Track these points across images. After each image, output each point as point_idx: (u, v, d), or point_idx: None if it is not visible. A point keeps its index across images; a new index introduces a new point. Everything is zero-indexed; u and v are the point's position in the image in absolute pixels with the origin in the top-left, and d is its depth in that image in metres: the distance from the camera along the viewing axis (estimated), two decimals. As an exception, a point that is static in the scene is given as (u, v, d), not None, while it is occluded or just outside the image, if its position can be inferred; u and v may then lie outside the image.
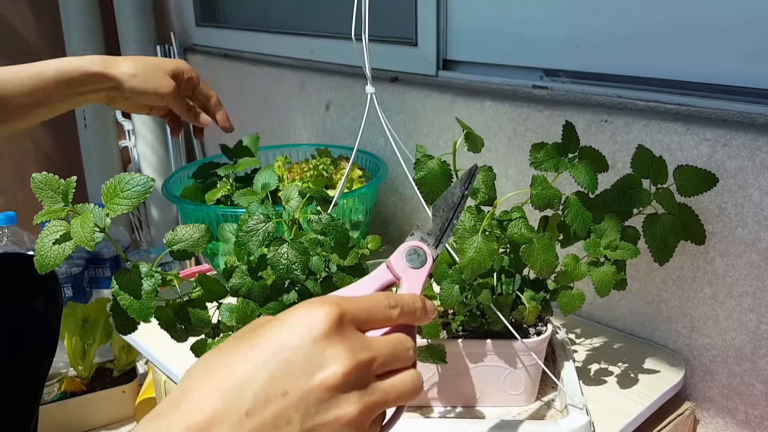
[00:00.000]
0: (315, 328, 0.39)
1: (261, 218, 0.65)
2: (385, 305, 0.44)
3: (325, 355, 0.39)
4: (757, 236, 0.75)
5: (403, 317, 0.44)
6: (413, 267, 0.48)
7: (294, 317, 0.41)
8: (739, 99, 0.78)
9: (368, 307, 0.43)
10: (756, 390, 0.79)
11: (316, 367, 0.39)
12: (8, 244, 1.53)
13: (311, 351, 0.39)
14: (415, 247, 0.49)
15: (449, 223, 0.51)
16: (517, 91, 1.01)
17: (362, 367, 0.40)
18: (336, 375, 0.39)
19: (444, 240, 0.50)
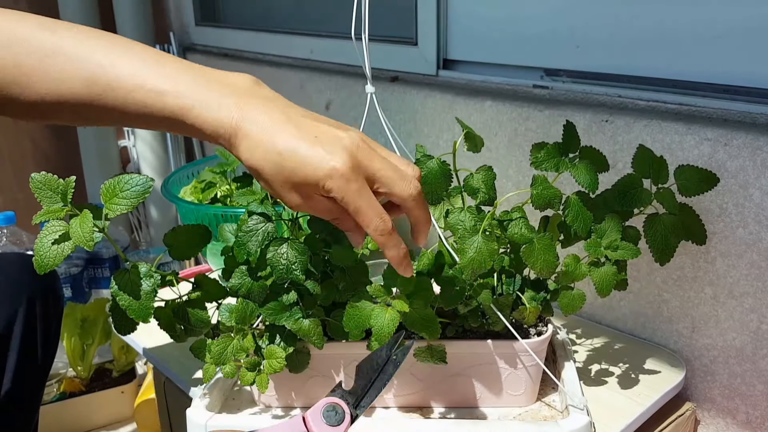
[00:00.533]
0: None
1: (261, 218, 0.65)
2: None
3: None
4: (758, 236, 0.75)
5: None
6: (329, 425, 0.48)
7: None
8: (740, 99, 0.78)
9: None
10: (757, 390, 0.79)
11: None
12: (7, 243, 1.53)
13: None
14: (334, 404, 0.49)
15: (371, 384, 0.51)
16: (517, 90, 1.01)
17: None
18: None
19: (364, 403, 0.50)
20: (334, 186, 0.52)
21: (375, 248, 0.73)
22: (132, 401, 1.44)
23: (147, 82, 0.54)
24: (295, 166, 0.52)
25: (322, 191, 0.53)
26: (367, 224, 0.54)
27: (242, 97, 0.54)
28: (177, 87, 0.53)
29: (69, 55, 0.56)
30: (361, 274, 0.67)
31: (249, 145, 0.52)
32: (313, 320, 0.64)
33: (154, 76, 0.54)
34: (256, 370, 0.67)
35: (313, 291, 0.66)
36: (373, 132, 1.23)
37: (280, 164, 0.52)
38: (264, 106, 0.54)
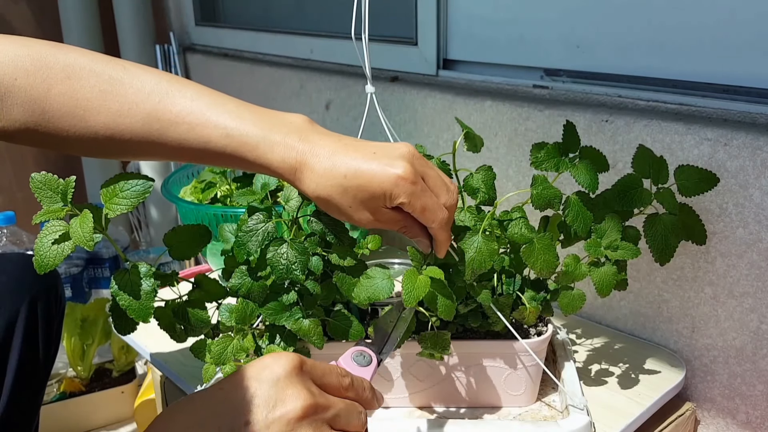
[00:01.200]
0: (277, 370, 0.45)
1: (261, 218, 0.65)
2: (337, 373, 0.49)
3: (286, 392, 0.44)
4: (758, 236, 0.75)
5: (353, 390, 0.50)
6: (360, 365, 0.55)
7: (257, 363, 0.46)
8: (739, 99, 0.78)
9: (323, 368, 0.49)
10: (757, 390, 0.79)
11: (278, 401, 0.44)
12: (7, 243, 1.53)
13: (273, 388, 0.44)
14: (362, 351, 0.57)
15: (388, 337, 0.60)
16: (517, 90, 1.01)
17: (319, 409, 0.45)
18: (296, 409, 0.43)
19: (386, 350, 0.59)
20: (401, 192, 0.54)
21: (375, 248, 0.73)
22: (132, 401, 1.44)
23: (210, 119, 0.56)
24: (361, 183, 0.54)
25: (388, 202, 0.55)
26: (434, 219, 0.57)
27: (302, 134, 0.56)
28: (241, 125, 0.56)
29: (129, 90, 0.56)
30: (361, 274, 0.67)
31: (313, 177, 0.55)
32: (313, 320, 0.64)
33: (217, 114, 0.56)
34: (256, 370, 0.67)
35: (313, 291, 0.66)
36: (374, 132, 1.23)
37: (346, 186, 0.55)
38: (322, 140, 0.56)
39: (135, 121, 0.56)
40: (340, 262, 0.65)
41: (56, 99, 0.55)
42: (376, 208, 0.56)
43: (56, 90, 0.55)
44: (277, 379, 0.45)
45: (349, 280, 0.65)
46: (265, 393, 0.44)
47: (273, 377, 0.45)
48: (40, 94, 0.55)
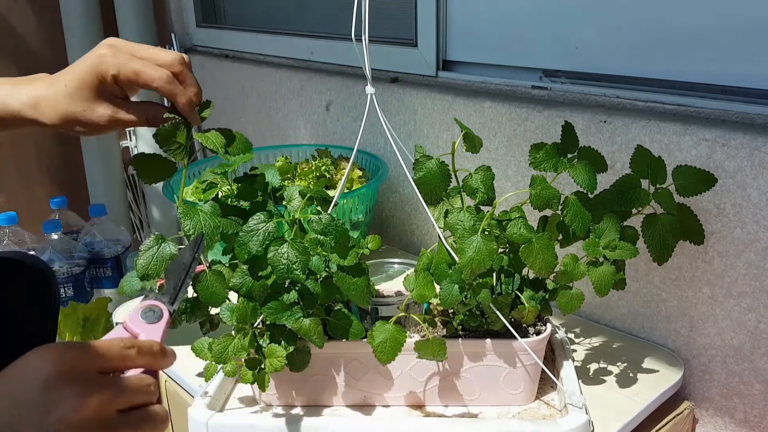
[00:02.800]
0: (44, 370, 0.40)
1: (262, 218, 0.66)
2: (120, 346, 0.46)
3: (58, 394, 0.40)
4: (755, 236, 0.75)
5: (142, 357, 0.47)
6: (149, 323, 0.53)
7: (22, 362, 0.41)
8: (737, 99, 0.78)
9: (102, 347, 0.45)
10: (755, 390, 0.79)
11: (52, 404, 0.39)
12: (9, 243, 1.53)
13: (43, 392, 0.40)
14: (151, 305, 0.54)
15: (182, 282, 0.57)
16: (516, 91, 1.01)
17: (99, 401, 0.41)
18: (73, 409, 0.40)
19: (179, 297, 0.56)
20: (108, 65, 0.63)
21: (375, 248, 0.73)
22: (133, 401, 1.44)
23: None
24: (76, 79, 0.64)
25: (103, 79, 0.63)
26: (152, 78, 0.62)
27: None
28: None
29: None
30: (361, 273, 0.67)
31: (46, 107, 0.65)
32: (313, 319, 0.65)
33: None
34: (257, 369, 0.67)
35: (313, 290, 0.66)
36: (374, 132, 1.24)
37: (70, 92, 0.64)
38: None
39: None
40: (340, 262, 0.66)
41: None
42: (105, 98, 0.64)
43: None
44: (47, 378, 0.40)
45: (350, 279, 0.66)
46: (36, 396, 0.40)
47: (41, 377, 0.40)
48: None
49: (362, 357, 0.70)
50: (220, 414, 0.70)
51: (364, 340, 0.66)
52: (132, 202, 2.01)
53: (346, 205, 0.99)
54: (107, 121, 0.64)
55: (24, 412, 0.39)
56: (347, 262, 0.67)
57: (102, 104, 0.64)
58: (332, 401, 0.74)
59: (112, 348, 0.46)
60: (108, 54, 0.63)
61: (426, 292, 0.67)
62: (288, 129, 1.48)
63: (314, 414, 0.72)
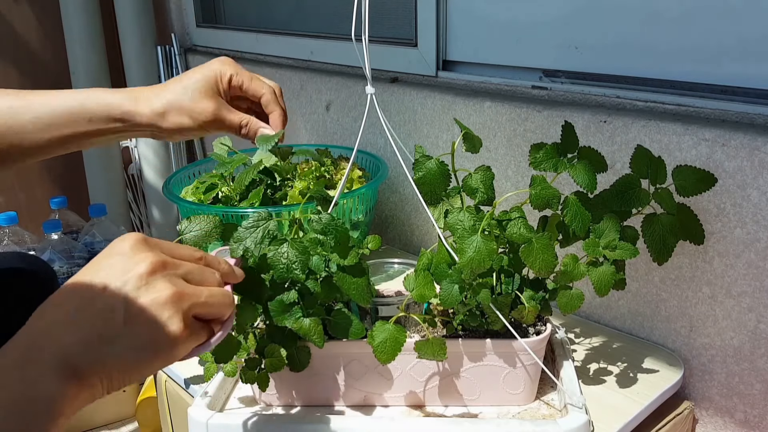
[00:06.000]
0: (123, 245, 0.49)
1: (261, 215, 0.66)
2: (189, 247, 0.53)
3: (135, 258, 0.48)
4: (755, 236, 0.75)
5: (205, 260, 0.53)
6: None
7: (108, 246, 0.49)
8: (737, 99, 0.78)
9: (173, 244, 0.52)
10: (755, 389, 0.79)
11: (129, 265, 0.47)
12: (9, 243, 1.53)
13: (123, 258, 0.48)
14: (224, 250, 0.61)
15: None
16: (516, 91, 1.01)
17: (169, 265, 0.49)
18: (146, 265, 0.47)
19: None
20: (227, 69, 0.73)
21: (375, 248, 0.73)
22: (134, 400, 1.44)
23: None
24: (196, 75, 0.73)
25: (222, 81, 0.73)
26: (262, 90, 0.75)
27: None
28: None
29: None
30: (361, 273, 0.67)
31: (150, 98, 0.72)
32: (313, 319, 0.65)
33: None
34: (257, 369, 0.67)
35: (313, 290, 0.66)
36: (373, 132, 1.24)
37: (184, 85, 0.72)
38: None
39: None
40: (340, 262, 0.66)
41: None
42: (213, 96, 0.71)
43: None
44: (126, 250, 0.48)
45: (350, 279, 0.66)
46: (119, 262, 0.47)
47: (122, 251, 0.48)
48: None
49: (362, 357, 0.70)
50: (220, 414, 0.70)
51: (364, 340, 0.66)
52: (132, 202, 2.01)
53: (346, 205, 0.99)
54: (211, 114, 0.70)
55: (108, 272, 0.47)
56: (347, 262, 0.67)
57: (209, 100, 0.71)
58: (332, 401, 0.74)
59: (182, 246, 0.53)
60: (227, 62, 0.74)
61: (426, 292, 0.67)
62: (288, 129, 1.48)
63: (314, 414, 0.72)
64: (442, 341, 0.66)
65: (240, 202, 1.03)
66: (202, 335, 0.50)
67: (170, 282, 0.48)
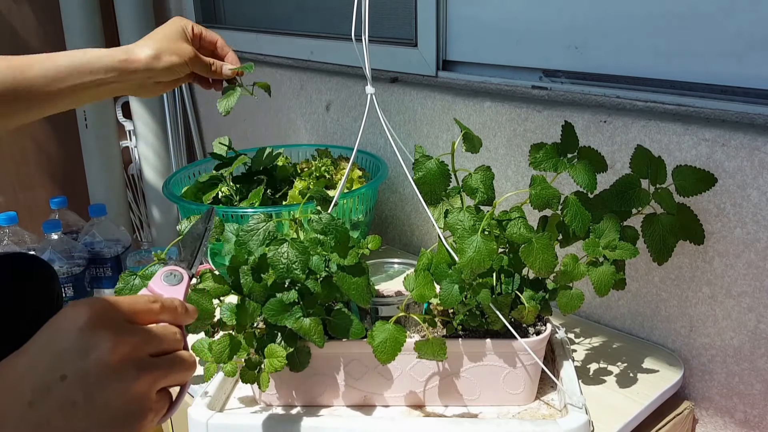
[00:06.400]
0: (79, 319, 0.43)
1: (262, 217, 0.66)
2: (145, 300, 0.48)
3: (95, 338, 0.42)
4: (755, 236, 0.75)
5: (166, 312, 0.49)
6: (171, 285, 0.56)
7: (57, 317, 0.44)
8: (737, 99, 0.78)
9: (129, 301, 0.47)
10: (755, 389, 0.79)
11: (89, 348, 0.42)
12: (9, 243, 1.53)
13: (80, 337, 0.42)
14: (171, 270, 0.57)
15: (197, 250, 0.61)
16: (516, 91, 1.01)
17: (132, 344, 0.44)
18: (109, 350, 0.42)
19: (195, 264, 0.59)
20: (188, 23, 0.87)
21: (375, 248, 0.73)
22: (133, 401, 1.44)
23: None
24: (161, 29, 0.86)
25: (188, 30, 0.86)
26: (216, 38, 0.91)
27: None
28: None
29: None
30: (361, 273, 0.67)
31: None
32: (313, 319, 0.65)
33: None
34: (257, 369, 0.67)
35: (313, 290, 0.66)
36: (373, 132, 1.24)
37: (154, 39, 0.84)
38: None
39: None
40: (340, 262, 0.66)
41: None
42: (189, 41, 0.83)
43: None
44: (81, 327, 0.42)
45: (350, 279, 0.66)
46: (73, 344, 0.42)
47: (76, 327, 0.42)
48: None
49: (362, 357, 0.70)
50: (220, 414, 0.70)
51: (364, 340, 0.66)
52: (132, 202, 2.01)
53: (346, 205, 0.99)
54: (192, 52, 0.82)
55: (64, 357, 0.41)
56: (347, 262, 0.67)
57: (187, 43, 0.83)
58: (332, 401, 0.74)
59: (138, 301, 0.48)
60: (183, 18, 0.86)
61: (426, 292, 0.67)
62: (288, 129, 1.48)
63: (314, 414, 0.72)
64: (442, 341, 0.66)
65: (240, 202, 1.03)
66: (164, 405, 0.47)
67: (136, 368, 0.44)
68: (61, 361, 0.41)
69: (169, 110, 1.79)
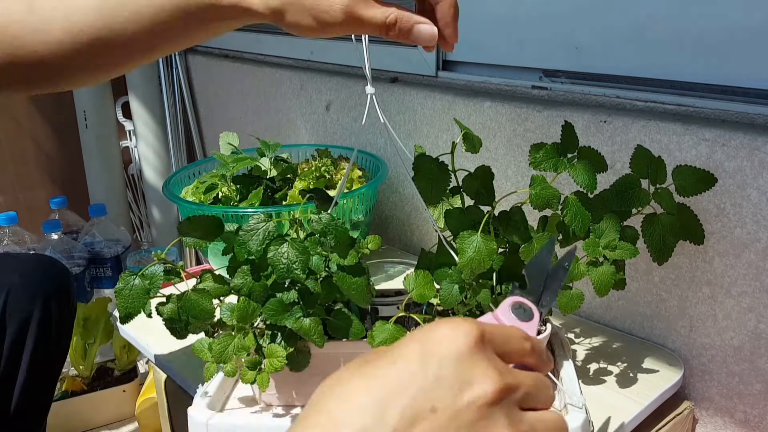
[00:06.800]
0: (460, 342, 0.37)
1: (262, 217, 0.66)
2: (519, 337, 0.41)
3: (473, 372, 0.36)
4: (755, 236, 0.75)
5: (534, 356, 0.41)
6: (520, 320, 0.46)
7: (435, 332, 0.38)
8: (737, 99, 0.78)
9: (506, 332, 0.40)
10: (755, 390, 0.79)
11: (465, 383, 0.36)
12: (9, 243, 1.53)
13: (458, 366, 0.36)
14: (520, 303, 0.47)
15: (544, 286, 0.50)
16: (516, 91, 1.01)
17: (509, 391, 0.37)
18: (486, 394, 0.36)
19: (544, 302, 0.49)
20: None
21: (375, 248, 0.73)
22: (134, 400, 1.44)
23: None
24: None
25: None
26: None
27: None
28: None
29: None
30: (361, 273, 0.67)
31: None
32: (313, 319, 0.65)
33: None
34: (257, 369, 0.67)
35: (313, 290, 0.66)
36: (373, 132, 1.24)
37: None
38: None
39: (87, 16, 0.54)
40: (340, 262, 0.66)
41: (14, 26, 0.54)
42: None
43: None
44: (460, 355, 0.36)
45: (350, 279, 0.66)
46: (450, 373, 0.36)
47: (455, 354, 0.36)
48: None
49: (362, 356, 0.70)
50: (220, 414, 0.71)
51: (364, 340, 0.66)
52: (132, 202, 2.01)
53: (346, 205, 0.99)
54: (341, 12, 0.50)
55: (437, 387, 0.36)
56: (347, 262, 0.67)
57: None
58: (332, 401, 0.74)
59: (513, 336, 0.41)
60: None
61: (426, 292, 0.67)
62: (288, 129, 1.48)
63: (314, 414, 0.72)
64: None
65: (240, 202, 1.03)
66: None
67: (506, 419, 0.36)
68: (433, 390, 0.35)
69: (169, 110, 1.79)
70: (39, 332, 0.89)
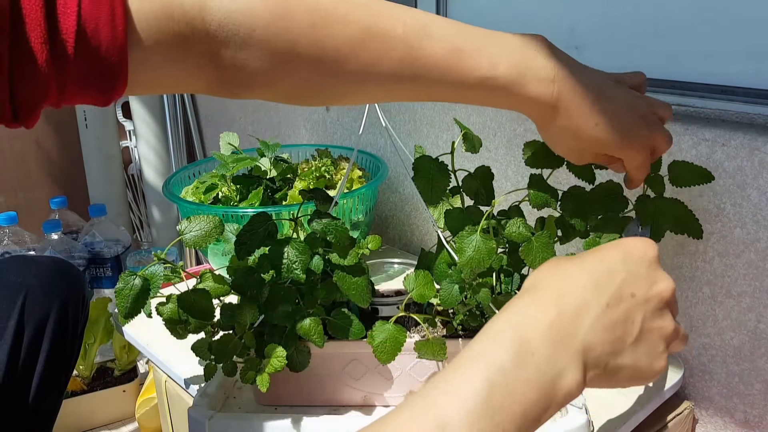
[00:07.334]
0: (648, 253, 0.49)
1: (261, 218, 0.66)
2: None
3: (657, 274, 0.48)
4: (755, 236, 0.75)
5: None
6: None
7: (629, 244, 0.49)
8: (738, 99, 0.78)
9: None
10: (755, 390, 0.79)
11: (653, 281, 0.47)
12: (9, 243, 1.54)
13: (648, 268, 0.48)
14: None
15: None
16: (516, 91, 1.01)
17: (672, 293, 0.48)
18: (668, 290, 0.48)
19: None
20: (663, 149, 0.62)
21: (375, 248, 0.73)
22: (133, 400, 1.44)
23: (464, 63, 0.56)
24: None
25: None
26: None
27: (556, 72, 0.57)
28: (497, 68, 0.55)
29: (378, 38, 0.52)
30: (361, 273, 0.67)
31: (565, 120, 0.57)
32: (313, 319, 0.65)
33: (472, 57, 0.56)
34: (257, 369, 0.67)
35: (313, 290, 0.66)
36: (373, 132, 1.24)
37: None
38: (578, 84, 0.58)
39: (386, 69, 0.53)
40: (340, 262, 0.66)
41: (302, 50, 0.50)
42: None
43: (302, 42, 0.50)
44: (650, 262, 0.48)
45: (350, 279, 0.66)
46: (644, 272, 0.47)
47: (646, 260, 0.48)
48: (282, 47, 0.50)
49: (362, 357, 0.70)
50: (220, 414, 0.71)
51: (364, 340, 0.66)
52: (132, 202, 2.01)
53: (346, 205, 0.99)
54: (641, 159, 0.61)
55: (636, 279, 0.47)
56: (347, 262, 0.67)
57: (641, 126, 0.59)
58: (332, 401, 0.74)
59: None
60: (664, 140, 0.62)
61: (426, 292, 0.67)
62: (288, 129, 1.48)
63: (314, 414, 0.72)
64: (442, 341, 0.66)
65: (240, 202, 1.03)
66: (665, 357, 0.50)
67: (671, 314, 0.48)
68: (633, 281, 0.46)
69: (169, 110, 1.79)
70: (55, 335, 0.90)
